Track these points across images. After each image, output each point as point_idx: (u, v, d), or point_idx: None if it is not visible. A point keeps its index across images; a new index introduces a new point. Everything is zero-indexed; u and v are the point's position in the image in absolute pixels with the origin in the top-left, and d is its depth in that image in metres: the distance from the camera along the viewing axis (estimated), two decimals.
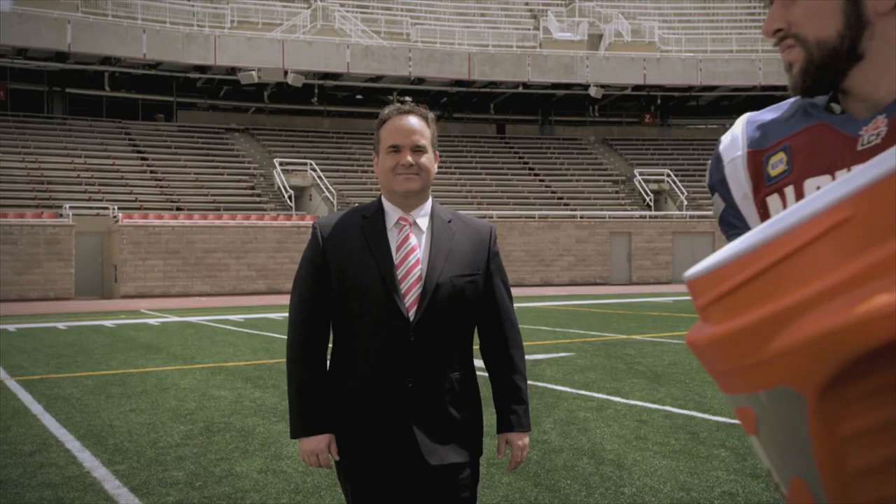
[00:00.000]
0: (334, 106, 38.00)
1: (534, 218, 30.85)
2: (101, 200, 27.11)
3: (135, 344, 12.18)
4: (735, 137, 1.25)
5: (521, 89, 37.29)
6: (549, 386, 7.91)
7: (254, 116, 36.88)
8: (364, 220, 2.32)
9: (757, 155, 1.21)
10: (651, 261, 31.50)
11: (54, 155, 29.47)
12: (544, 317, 16.05)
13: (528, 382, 2.48)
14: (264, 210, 29.37)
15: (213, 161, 32.21)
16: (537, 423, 6.11)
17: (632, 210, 33.30)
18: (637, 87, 37.94)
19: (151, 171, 30.39)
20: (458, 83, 36.54)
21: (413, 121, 2.30)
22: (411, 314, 2.23)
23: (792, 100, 1.21)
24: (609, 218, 31.81)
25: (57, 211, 25.76)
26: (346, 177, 32.64)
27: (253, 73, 32.78)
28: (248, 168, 32.28)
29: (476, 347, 2.39)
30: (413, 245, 2.29)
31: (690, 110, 42.11)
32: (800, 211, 0.63)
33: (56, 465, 5.11)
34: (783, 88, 39.74)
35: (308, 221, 28.30)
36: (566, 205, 33.22)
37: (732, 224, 1.24)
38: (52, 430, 6.18)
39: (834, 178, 1.07)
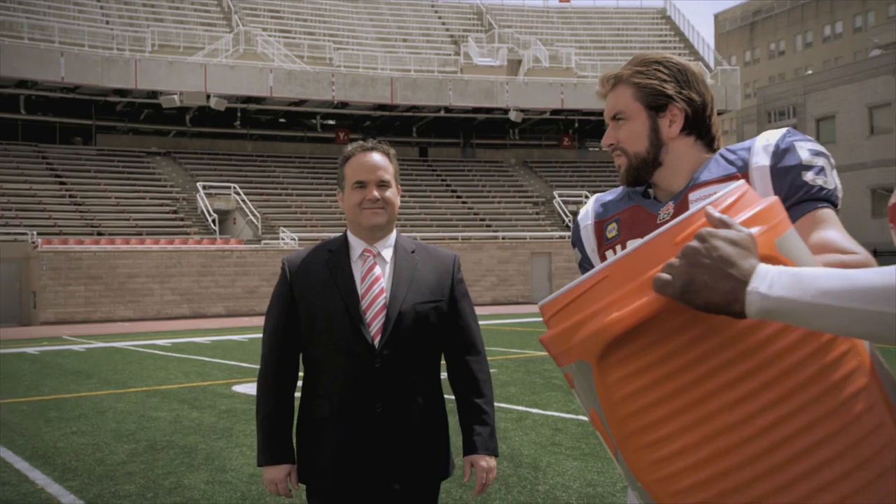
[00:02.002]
0: (257, 129, 38.09)
1: (457, 239, 31.52)
2: (19, 226, 26.67)
3: (63, 370, 12.26)
4: (587, 212, 1.87)
5: (442, 113, 38.06)
6: None
7: (175, 140, 36.69)
8: (329, 254, 2.43)
9: (600, 224, 1.81)
10: (571, 280, 32.42)
11: None
12: None
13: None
14: (188, 234, 29.29)
15: (134, 185, 31.95)
16: (458, 433, 6.63)
17: (552, 231, 34.31)
18: (555, 112, 39.15)
19: (70, 196, 29.99)
20: (381, 107, 37.10)
21: (376, 157, 2.41)
22: (376, 342, 2.33)
23: (624, 186, 1.80)
24: (530, 239, 32.72)
25: None
26: (270, 200, 32.78)
27: (175, 97, 32.67)
28: (171, 192, 32.12)
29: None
30: (377, 275, 2.39)
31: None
32: (592, 270, 1.18)
33: (10, 483, 5.40)
34: None
35: (233, 245, 28.39)
36: (488, 226, 34.03)
37: (587, 269, 1.82)
38: None
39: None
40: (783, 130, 1.62)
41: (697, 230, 1.11)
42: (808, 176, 1.54)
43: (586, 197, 36.32)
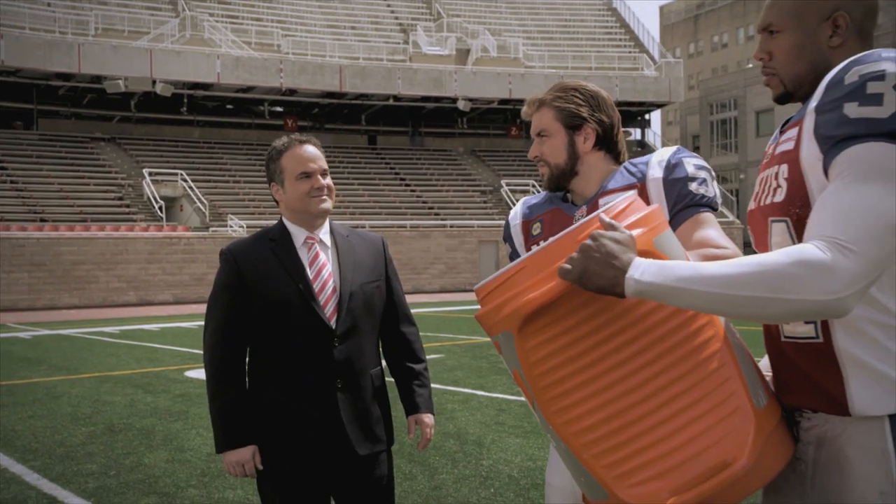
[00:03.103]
0: (204, 116, 37.78)
1: (405, 227, 31.79)
2: None
3: (12, 357, 12.25)
4: (516, 213, 2.24)
5: (391, 102, 38.23)
6: None
7: (120, 125, 36.21)
8: (272, 243, 2.54)
9: (527, 223, 2.18)
10: None
11: None
12: (417, 323, 16.88)
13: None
14: (134, 221, 29.05)
15: (78, 171, 31.52)
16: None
17: (500, 219, 34.73)
18: (503, 101, 39.60)
19: (12, 181, 29.47)
20: (330, 95, 37.12)
21: (313, 149, 2.55)
22: (333, 322, 2.49)
23: (547, 192, 2.14)
24: (478, 227, 33.13)
25: None
26: (217, 187, 32.62)
27: (119, 81, 32.29)
28: (116, 178, 31.77)
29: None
30: (323, 261, 2.55)
31: None
32: (516, 260, 1.51)
33: None
34: (638, 104, 42.10)
35: (180, 232, 28.25)
36: (436, 214, 34.35)
37: (515, 256, 2.16)
38: None
39: None
40: (674, 148, 2.01)
41: (592, 231, 1.45)
42: (693, 186, 1.94)
43: (533, 185, 36.93)
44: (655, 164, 1.98)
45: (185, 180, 31.31)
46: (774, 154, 1.63)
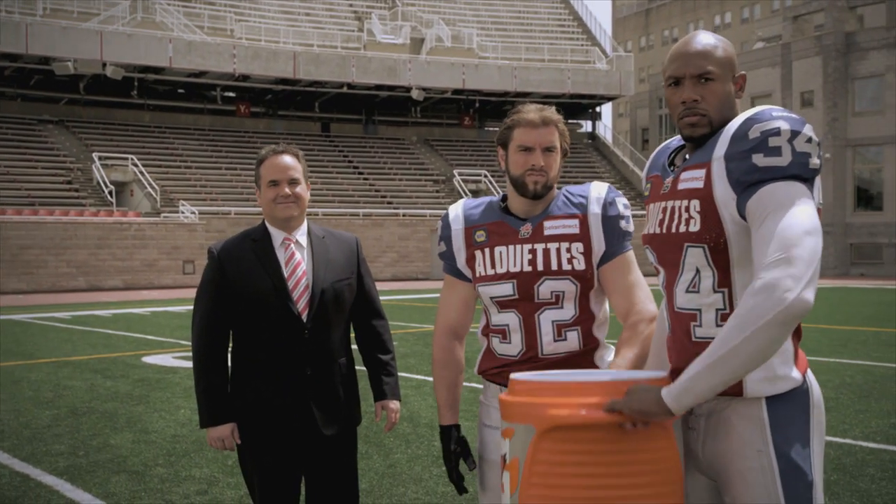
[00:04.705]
0: (155, 100, 37.37)
1: (358, 216, 31.97)
2: None
3: None
4: (458, 215, 2.48)
5: (345, 89, 38.23)
6: None
7: (68, 108, 35.62)
8: (254, 243, 2.82)
9: (469, 229, 2.44)
10: None
11: None
12: None
13: (357, 368, 2.97)
14: (83, 206, 28.75)
15: (25, 153, 31.03)
16: (366, 398, 7.26)
17: None
18: (457, 91, 39.89)
19: None
20: (283, 81, 37.00)
21: (286, 159, 2.80)
22: (304, 316, 2.75)
23: (486, 200, 2.46)
24: (430, 216, 33.39)
25: None
26: (169, 172, 32.39)
27: (69, 63, 31.82)
28: (65, 162, 31.36)
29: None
30: (298, 260, 2.81)
31: (506, 114, 44.41)
32: (563, 375, 1.93)
33: None
34: (589, 97, 42.54)
35: (131, 218, 28.08)
36: (389, 203, 34.57)
37: (450, 259, 2.47)
38: None
39: (506, 248, 2.34)
40: (606, 186, 2.39)
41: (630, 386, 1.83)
42: (623, 224, 2.35)
43: (485, 175, 37.35)
44: (595, 201, 2.34)
45: (136, 165, 31.04)
46: (678, 189, 1.97)
